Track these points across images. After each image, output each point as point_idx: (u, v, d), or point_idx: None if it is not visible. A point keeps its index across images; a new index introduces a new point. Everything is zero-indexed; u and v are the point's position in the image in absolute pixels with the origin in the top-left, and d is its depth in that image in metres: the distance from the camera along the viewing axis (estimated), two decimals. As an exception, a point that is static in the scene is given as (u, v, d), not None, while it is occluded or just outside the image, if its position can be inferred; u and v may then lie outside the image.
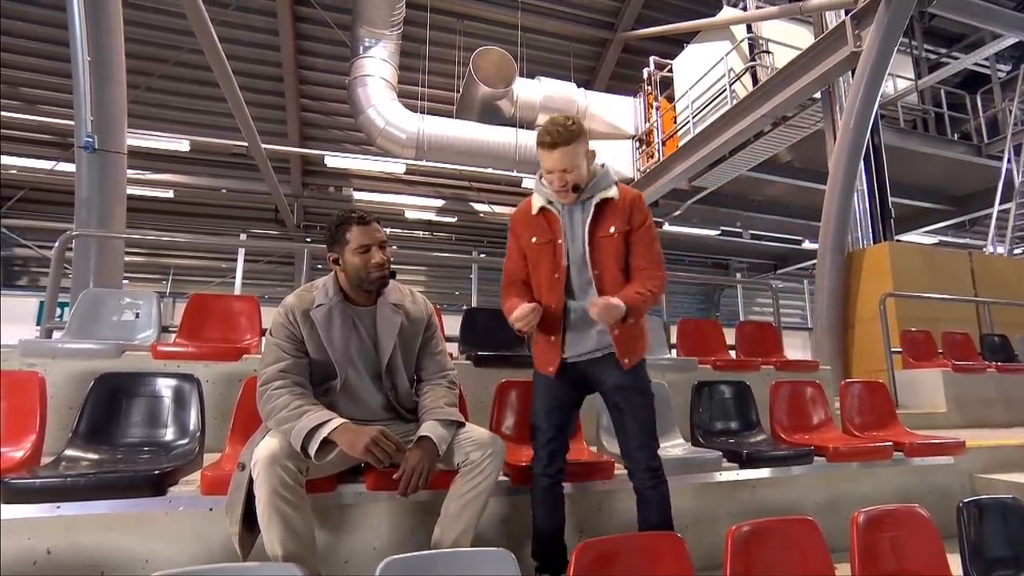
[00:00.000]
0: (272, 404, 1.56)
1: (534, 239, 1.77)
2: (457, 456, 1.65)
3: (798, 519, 1.65)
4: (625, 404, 1.75)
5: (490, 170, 10.05)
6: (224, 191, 10.85)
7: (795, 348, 9.42)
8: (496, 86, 9.61)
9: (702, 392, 2.68)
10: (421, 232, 13.43)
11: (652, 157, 9.95)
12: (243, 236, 8.12)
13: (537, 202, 1.79)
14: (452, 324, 3.53)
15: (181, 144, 8.20)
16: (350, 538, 1.84)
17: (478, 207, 12.57)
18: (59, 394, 2.29)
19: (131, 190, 10.46)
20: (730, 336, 4.06)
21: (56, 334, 2.93)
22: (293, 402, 1.55)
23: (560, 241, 1.73)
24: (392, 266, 1.78)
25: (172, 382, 2.05)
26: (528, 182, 10.14)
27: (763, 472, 2.30)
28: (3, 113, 8.59)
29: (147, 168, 10.01)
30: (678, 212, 10.88)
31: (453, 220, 12.75)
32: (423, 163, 9.81)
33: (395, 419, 1.80)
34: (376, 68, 9.39)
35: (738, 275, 14.50)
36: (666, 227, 11.61)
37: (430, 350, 1.86)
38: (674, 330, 3.80)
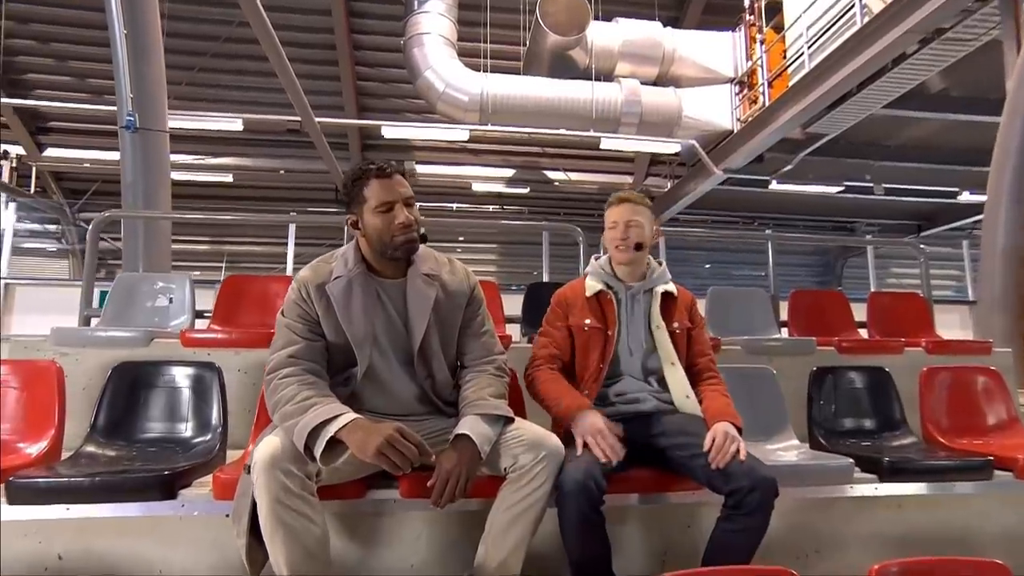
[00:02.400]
0: (277, 396, 1.49)
1: (588, 321, 1.85)
2: (504, 459, 1.52)
3: (983, 562, 1.29)
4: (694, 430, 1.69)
5: (563, 132, 9.78)
6: (282, 172, 11.37)
7: (948, 327, 8.41)
8: (567, 33, 9.24)
9: (823, 380, 2.40)
10: (491, 206, 13.46)
11: (756, 102, 9.27)
12: (292, 213, 8.46)
13: (593, 286, 1.89)
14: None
15: (234, 123, 8.60)
16: (384, 552, 1.75)
17: (552, 175, 12.34)
18: (92, 384, 2.34)
19: (191, 176, 11.34)
20: (859, 312, 3.68)
21: (95, 321, 3.08)
22: (300, 393, 1.46)
23: (611, 332, 1.83)
24: (423, 229, 1.65)
25: (191, 371, 2.05)
26: (608, 142, 9.76)
27: (914, 488, 1.95)
28: (71, 105, 9.39)
29: (206, 152, 10.67)
30: (788, 167, 10.05)
31: (525, 191, 12.67)
32: (488, 128, 9.70)
33: (432, 413, 1.70)
34: (433, 24, 9.33)
35: (868, 238, 13.26)
36: (773, 186, 10.78)
37: (474, 330, 1.74)
38: (784, 305, 3.52)
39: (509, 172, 12.27)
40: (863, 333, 3.59)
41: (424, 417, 1.67)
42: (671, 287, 1.92)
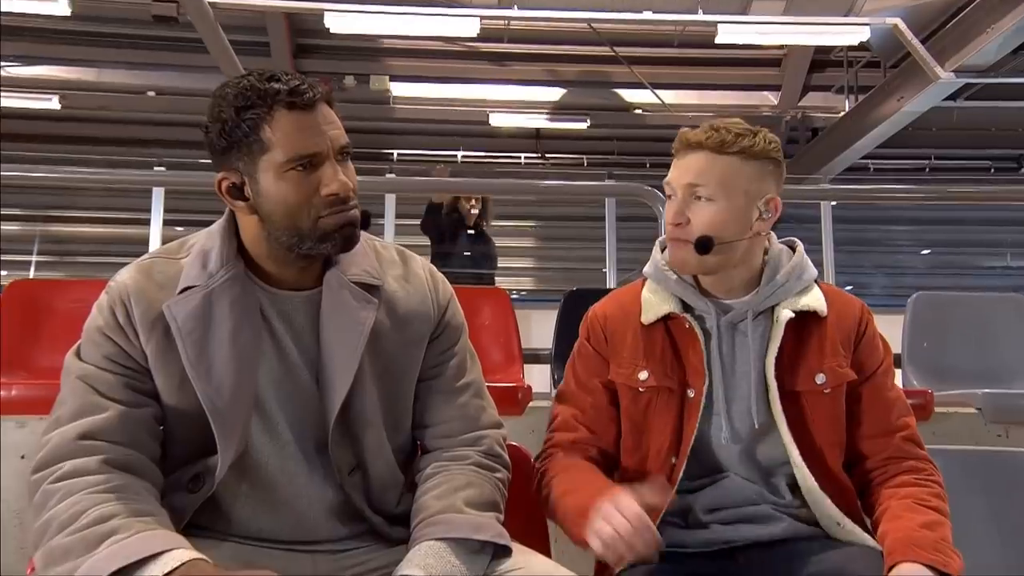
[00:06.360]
0: (47, 515, 1.47)
1: (644, 375, 1.85)
2: (489, 627, 1.58)
3: None
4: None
5: (650, 16, 9.92)
6: (151, 94, 11.71)
7: None
8: None
9: None
10: (523, 155, 13.67)
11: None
12: (159, 167, 8.42)
13: (656, 304, 1.87)
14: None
15: (54, 3, 8.71)
16: None
17: (630, 96, 12.53)
18: None
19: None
20: None
21: None
22: (93, 511, 1.43)
23: (696, 394, 1.81)
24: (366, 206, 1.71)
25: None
26: (730, 32, 9.79)
27: None
28: None
29: (17, 56, 10.92)
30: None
31: (583, 126, 12.93)
32: (515, 14, 9.92)
33: (362, 537, 1.72)
34: None
35: None
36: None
37: (443, 384, 1.79)
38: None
39: (555, 93, 12.50)
40: None
41: (349, 546, 1.69)
42: (815, 299, 1.84)
